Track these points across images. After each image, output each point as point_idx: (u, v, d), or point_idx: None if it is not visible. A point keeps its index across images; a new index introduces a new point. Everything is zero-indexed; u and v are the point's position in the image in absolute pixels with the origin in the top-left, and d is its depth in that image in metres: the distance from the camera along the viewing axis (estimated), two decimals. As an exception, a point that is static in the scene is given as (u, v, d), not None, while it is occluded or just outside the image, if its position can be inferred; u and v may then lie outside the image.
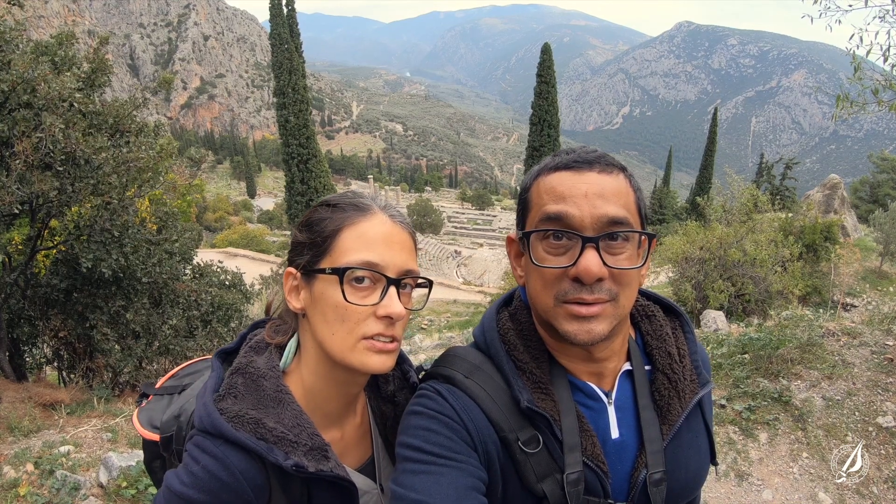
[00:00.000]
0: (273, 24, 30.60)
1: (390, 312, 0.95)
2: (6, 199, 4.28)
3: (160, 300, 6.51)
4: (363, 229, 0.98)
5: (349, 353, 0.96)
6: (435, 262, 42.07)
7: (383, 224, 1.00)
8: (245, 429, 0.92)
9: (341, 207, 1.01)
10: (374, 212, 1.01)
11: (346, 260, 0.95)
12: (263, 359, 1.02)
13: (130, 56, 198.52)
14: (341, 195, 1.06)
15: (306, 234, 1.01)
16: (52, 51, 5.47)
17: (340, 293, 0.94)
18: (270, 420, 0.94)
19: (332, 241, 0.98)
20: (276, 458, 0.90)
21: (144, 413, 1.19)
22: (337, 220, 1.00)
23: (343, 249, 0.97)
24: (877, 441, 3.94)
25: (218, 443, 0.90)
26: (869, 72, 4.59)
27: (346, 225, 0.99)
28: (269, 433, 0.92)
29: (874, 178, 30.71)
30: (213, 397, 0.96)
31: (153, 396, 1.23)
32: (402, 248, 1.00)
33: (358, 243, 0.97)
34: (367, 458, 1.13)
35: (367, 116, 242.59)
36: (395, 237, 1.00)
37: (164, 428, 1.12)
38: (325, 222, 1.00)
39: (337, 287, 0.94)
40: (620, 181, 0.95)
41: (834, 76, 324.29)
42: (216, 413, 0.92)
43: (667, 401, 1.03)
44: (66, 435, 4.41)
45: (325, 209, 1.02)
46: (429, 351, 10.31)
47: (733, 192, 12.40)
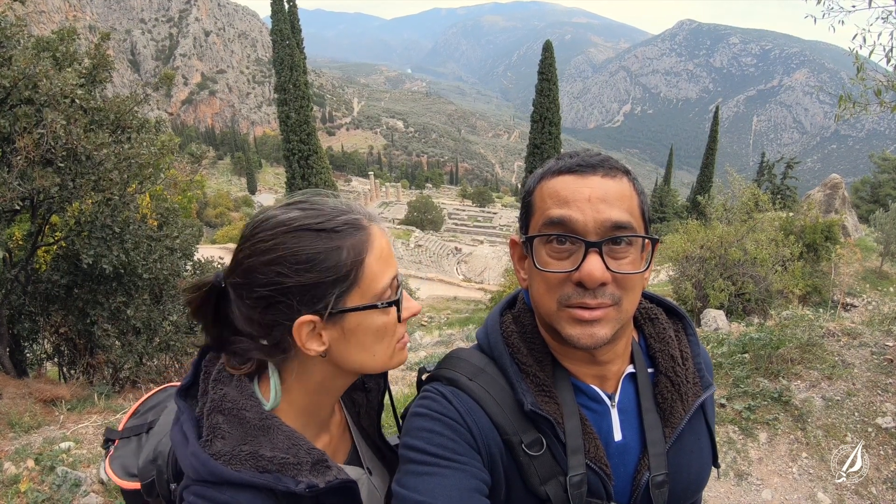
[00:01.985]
0: (274, 21, 30.59)
1: (413, 313, 1.01)
2: (7, 196, 4.28)
3: (161, 296, 6.52)
4: (379, 249, 0.94)
5: (391, 360, 1.00)
6: (435, 258, 42.08)
7: (382, 236, 0.97)
8: (245, 466, 0.88)
9: (342, 232, 0.91)
10: (371, 227, 0.95)
11: (384, 287, 0.94)
12: (234, 390, 0.94)
13: (131, 52, 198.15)
14: (320, 213, 0.93)
15: (313, 275, 0.88)
16: (53, 47, 5.47)
17: (382, 319, 0.94)
18: (266, 449, 0.90)
19: (358, 272, 0.91)
20: (286, 485, 0.88)
21: (116, 462, 1.14)
22: (350, 248, 0.90)
23: (372, 277, 0.92)
24: (876, 442, 3.94)
25: (222, 489, 0.86)
26: (871, 72, 4.58)
27: (366, 252, 0.92)
28: (269, 463, 0.89)
29: (875, 178, 30.69)
30: (201, 444, 0.90)
31: (119, 441, 1.19)
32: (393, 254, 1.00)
33: (381, 265, 0.94)
34: (351, 448, 1.14)
35: (368, 113, 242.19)
36: (388, 243, 0.99)
37: (143, 475, 1.08)
38: (334, 254, 0.89)
39: (376, 315, 0.94)
40: (624, 185, 0.94)
41: (836, 76, 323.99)
42: (211, 460, 0.87)
43: (669, 403, 1.04)
44: (66, 431, 4.42)
45: (316, 236, 0.89)
46: (429, 348, 10.32)
47: (734, 190, 12.41)
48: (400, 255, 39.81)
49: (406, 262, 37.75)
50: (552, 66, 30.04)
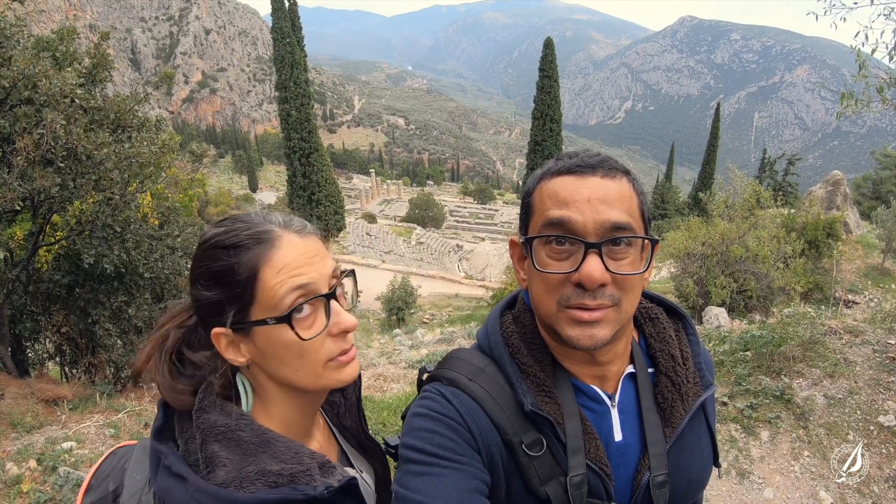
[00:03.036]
0: (275, 18, 30.57)
1: (344, 328, 0.95)
2: (8, 196, 4.28)
3: (162, 295, 6.52)
4: (279, 260, 0.89)
5: (320, 379, 0.94)
6: (437, 256, 42.09)
7: (295, 245, 0.92)
8: (256, 486, 0.85)
9: (242, 246, 0.89)
10: (278, 235, 0.91)
11: (280, 300, 0.88)
12: (221, 415, 0.91)
13: (132, 50, 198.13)
14: (230, 229, 0.92)
15: (217, 290, 0.89)
16: (53, 46, 5.47)
17: (291, 334, 0.89)
18: (271, 464, 0.88)
19: (253, 287, 0.89)
20: (304, 492, 0.86)
21: None
22: (246, 262, 0.89)
23: (269, 291, 0.88)
24: (878, 440, 3.94)
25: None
26: (874, 69, 4.57)
27: (261, 265, 0.89)
28: (279, 476, 0.87)
29: (877, 175, 30.65)
30: (203, 476, 0.86)
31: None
32: (320, 257, 0.94)
33: (281, 276, 0.89)
34: (339, 451, 1.14)
35: (369, 110, 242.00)
36: (310, 251, 0.93)
37: None
38: (234, 269, 0.89)
39: (284, 330, 0.89)
40: (624, 185, 0.94)
41: (837, 72, 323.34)
42: (221, 490, 0.84)
43: (670, 403, 1.04)
44: (68, 431, 4.42)
45: (222, 252, 0.90)
46: (430, 346, 10.32)
47: (736, 187, 12.41)
48: (401, 253, 39.84)
49: (407, 260, 37.78)
50: (553, 63, 30.00)
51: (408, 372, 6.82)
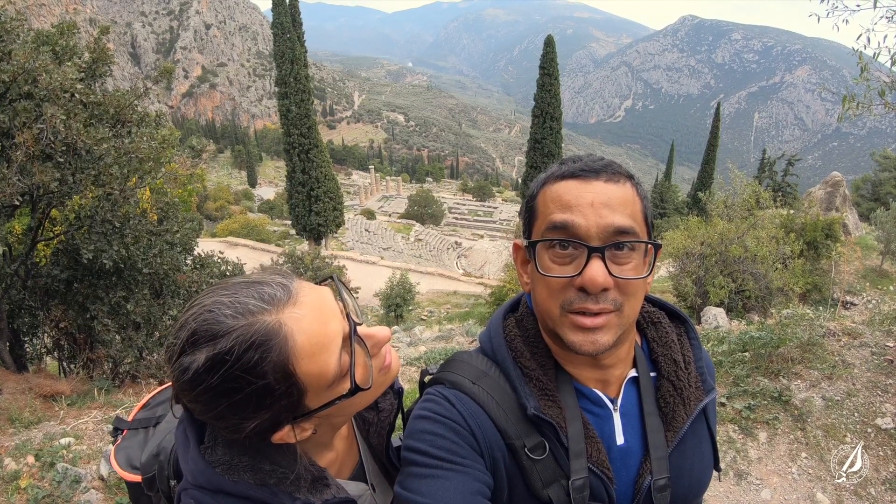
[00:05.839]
0: (275, 14, 30.52)
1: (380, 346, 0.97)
2: (7, 191, 4.27)
3: (161, 291, 6.50)
4: (303, 347, 0.82)
5: (374, 396, 1.01)
6: (435, 253, 42.08)
7: (303, 323, 0.83)
8: (241, 477, 0.86)
9: (260, 355, 0.78)
10: (283, 324, 0.81)
11: (330, 377, 0.85)
12: None
13: (132, 45, 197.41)
14: (231, 336, 0.78)
15: (265, 412, 0.82)
16: (53, 40, 5.44)
17: (357, 395, 0.89)
18: (265, 462, 0.88)
19: (297, 384, 0.82)
20: (281, 501, 0.87)
21: (122, 452, 1.14)
22: (274, 369, 0.79)
23: (315, 378, 0.83)
24: (875, 442, 3.95)
25: (218, 497, 0.86)
26: (875, 72, 4.57)
27: (290, 361, 0.81)
28: (267, 476, 0.88)
29: (876, 177, 30.60)
30: (202, 449, 0.89)
31: (128, 431, 1.19)
32: (328, 316, 0.87)
33: (316, 360, 0.83)
34: (357, 463, 1.13)
35: (369, 106, 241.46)
36: (316, 320, 0.84)
37: (145, 469, 1.08)
38: (272, 387, 0.79)
39: None
40: (627, 190, 0.94)
41: (838, 73, 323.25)
42: (208, 468, 0.86)
43: (672, 408, 1.04)
44: (66, 427, 4.41)
45: (247, 375, 0.78)
46: (429, 343, 10.30)
47: (735, 187, 12.37)
48: (400, 250, 39.83)
49: (406, 257, 37.74)
50: (553, 61, 30.02)
51: (406, 369, 6.81)
